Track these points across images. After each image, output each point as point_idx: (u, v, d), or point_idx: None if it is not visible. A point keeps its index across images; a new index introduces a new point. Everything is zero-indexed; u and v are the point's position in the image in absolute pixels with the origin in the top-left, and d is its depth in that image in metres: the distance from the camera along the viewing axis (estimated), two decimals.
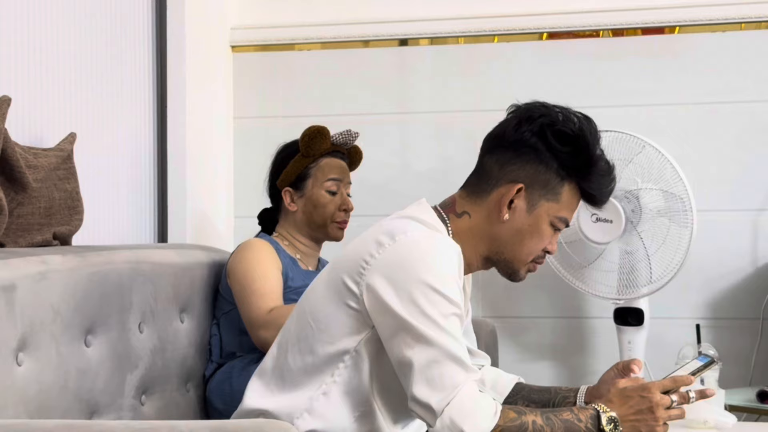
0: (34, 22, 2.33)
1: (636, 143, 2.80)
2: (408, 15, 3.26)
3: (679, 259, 2.78)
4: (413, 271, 1.69)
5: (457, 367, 1.65)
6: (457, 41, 3.26)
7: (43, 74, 2.37)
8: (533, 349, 3.20)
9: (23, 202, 2.02)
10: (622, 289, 2.86)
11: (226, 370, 2.45)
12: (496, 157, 1.83)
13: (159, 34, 2.93)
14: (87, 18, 2.56)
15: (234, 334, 2.49)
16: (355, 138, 2.62)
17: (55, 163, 2.13)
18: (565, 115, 1.81)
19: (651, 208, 2.81)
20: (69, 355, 1.88)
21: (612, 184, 1.84)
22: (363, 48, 3.30)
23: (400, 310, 1.67)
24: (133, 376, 2.13)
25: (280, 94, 3.34)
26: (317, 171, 2.57)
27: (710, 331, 3.03)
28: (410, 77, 3.28)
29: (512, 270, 1.86)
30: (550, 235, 1.84)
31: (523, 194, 1.80)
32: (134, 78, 2.83)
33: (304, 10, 3.32)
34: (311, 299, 1.82)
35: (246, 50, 3.35)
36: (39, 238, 2.05)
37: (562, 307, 3.17)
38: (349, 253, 1.79)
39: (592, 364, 3.15)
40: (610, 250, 2.87)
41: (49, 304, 1.83)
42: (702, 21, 3.09)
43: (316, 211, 2.57)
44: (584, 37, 3.18)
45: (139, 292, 2.17)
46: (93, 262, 2.01)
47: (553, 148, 1.79)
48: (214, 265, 2.56)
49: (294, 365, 1.79)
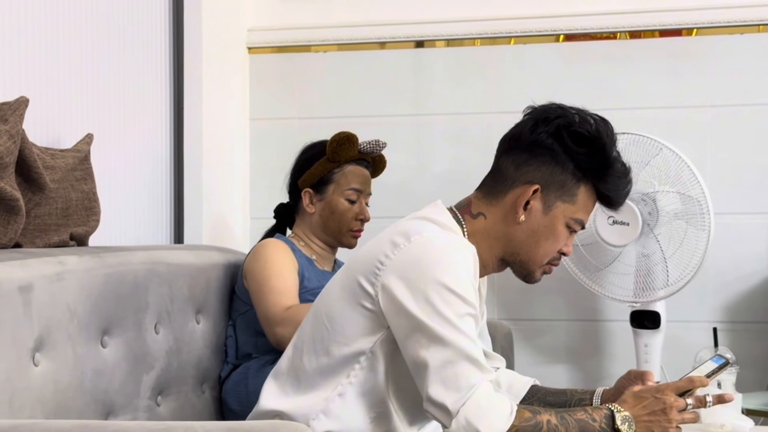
0: (52, 23, 2.34)
1: (653, 146, 2.79)
2: (424, 17, 3.26)
3: (696, 262, 2.77)
4: (428, 271, 1.69)
5: (472, 367, 1.65)
6: (474, 43, 3.25)
7: (61, 75, 2.38)
8: (549, 352, 3.20)
9: (40, 203, 2.03)
10: (638, 292, 2.85)
11: (242, 372, 2.45)
12: (512, 159, 1.83)
13: (176, 35, 2.94)
14: (104, 20, 2.57)
15: (250, 335, 2.49)
16: (382, 148, 2.61)
17: (72, 163, 2.13)
18: (582, 116, 1.80)
19: (668, 211, 2.79)
20: (85, 356, 1.89)
21: (628, 186, 1.84)
22: (379, 50, 3.30)
23: (415, 310, 1.67)
24: (149, 377, 2.13)
25: (297, 96, 3.34)
26: (341, 177, 2.57)
27: (727, 335, 3.02)
28: (427, 79, 3.28)
29: (527, 271, 1.86)
30: (565, 237, 1.83)
31: (539, 195, 1.80)
32: (151, 79, 2.84)
33: (320, 11, 3.33)
34: (326, 300, 1.82)
35: (262, 52, 3.35)
36: (56, 239, 2.06)
37: (579, 309, 3.16)
38: (364, 254, 1.79)
39: (608, 368, 3.14)
40: (626, 253, 2.86)
41: (66, 304, 1.84)
42: (720, 23, 3.07)
43: (333, 217, 2.57)
44: (601, 39, 3.17)
45: (155, 293, 2.17)
46: (109, 262, 2.01)
47: (569, 149, 1.79)
48: (229, 266, 2.57)
49: (309, 367, 1.79)
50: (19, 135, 1.91)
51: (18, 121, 1.91)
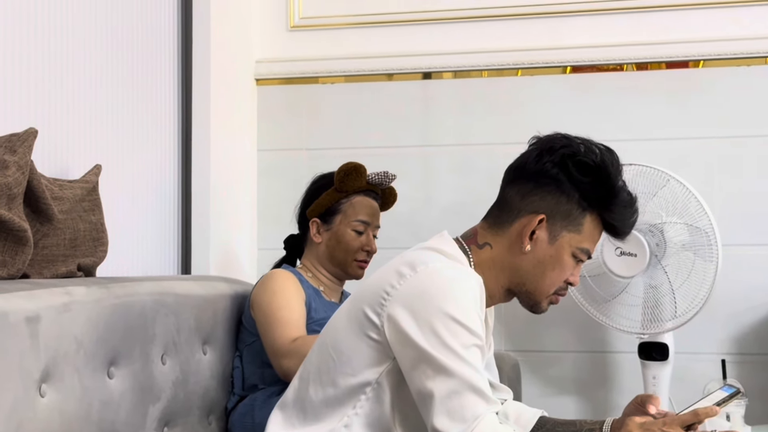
0: (61, 56, 2.36)
1: (660, 177, 2.79)
2: (431, 48, 3.28)
3: (704, 293, 2.75)
4: (434, 301, 1.69)
5: (477, 399, 1.65)
6: (481, 74, 3.27)
7: (69, 107, 2.40)
8: (556, 383, 3.18)
9: (48, 234, 2.03)
10: (646, 324, 2.84)
11: (248, 403, 2.44)
12: (517, 188, 1.83)
13: (184, 66, 2.96)
14: (112, 51, 2.59)
15: (256, 366, 2.49)
16: (391, 180, 2.61)
17: (80, 194, 2.14)
18: (587, 146, 1.81)
19: (675, 242, 2.79)
20: (92, 387, 1.89)
21: (634, 216, 1.84)
22: (387, 81, 3.32)
23: (420, 340, 1.67)
24: (156, 408, 2.13)
25: (304, 127, 3.36)
26: (348, 208, 2.58)
27: (735, 367, 3.00)
28: (434, 110, 3.29)
29: (534, 302, 1.86)
30: (572, 267, 1.83)
31: (544, 225, 1.80)
32: (159, 110, 2.86)
33: (327, 43, 3.35)
34: (332, 331, 1.82)
35: (270, 83, 3.37)
36: (63, 270, 2.06)
37: (586, 341, 3.15)
38: (370, 284, 1.79)
39: (616, 399, 3.12)
40: (634, 284, 2.85)
41: (73, 335, 1.84)
42: (727, 55, 3.08)
43: (339, 247, 2.57)
44: (608, 70, 3.18)
45: (162, 323, 2.17)
46: (117, 293, 2.02)
47: (574, 178, 1.79)
48: (236, 297, 2.57)
49: (315, 398, 1.79)
50: (27, 166, 1.91)
51: (27, 152, 1.92)
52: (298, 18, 3.37)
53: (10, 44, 2.18)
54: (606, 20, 3.18)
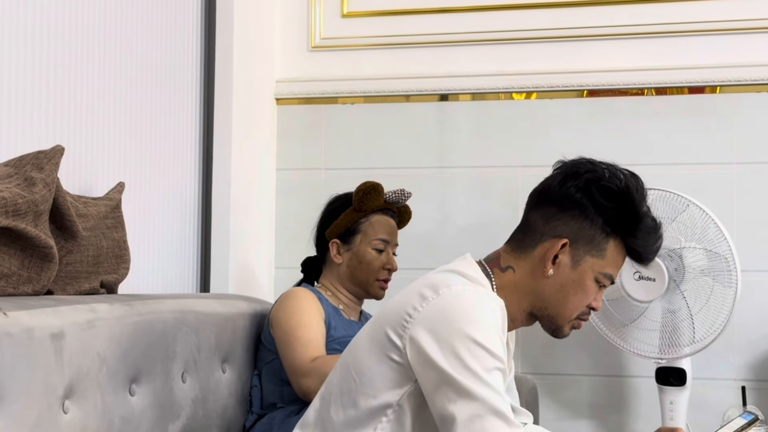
0: (86, 75, 2.38)
1: (680, 202, 2.79)
2: (449, 71, 3.29)
3: (723, 319, 2.75)
4: (456, 324, 1.69)
5: (500, 422, 1.64)
6: (498, 97, 3.28)
7: (94, 125, 2.42)
8: (573, 407, 3.17)
9: (72, 250, 2.04)
10: (664, 349, 2.83)
11: (267, 422, 2.44)
12: (541, 212, 1.83)
13: (206, 85, 2.98)
14: (137, 72, 2.61)
15: (275, 385, 2.49)
16: (408, 198, 2.63)
17: (104, 212, 2.16)
18: (612, 171, 1.81)
19: (694, 267, 2.79)
20: (113, 404, 1.89)
21: (659, 242, 1.84)
22: (405, 102, 3.33)
23: (442, 363, 1.67)
24: (175, 426, 2.13)
25: (323, 147, 3.37)
26: (368, 227, 2.59)
27: (755, 393, 2.99)
28: (451, 132, 3.30)
29: (556, 326, 1.86)
30: (594, 292, 1.83)
31: (567, 249, 1.80)
32: (181, 129, 2.88)
33: (347, 64, 3.37)
34: (354, 352, 1.82)
35: (290, 103, 3.39)
36: (86, 286, 2.07)
37: (603, 365, 3.14)
38: (392, 306, 1.79)
39: (632, 424, 3.11)
40: (652, 309, 2.85)
41: (96, 352, 1.85)
42: (746, 81, 3.09)
43: (361, 267, 2.58)
44: (627, 95, 3.19)
45: (182, 341, 2.18)
46: (139, 311, 2.02)
47: (598, 204, 1.79)
48: (256, 316, 2.58)
49: (336, 419, 1.79)
50: (54, 183, 1.93)
51: (53, 170, 1.93)
52: (319, 39, 3.39)
53: (37, 64, 2.20)
54: (624, 45, 3.19)
